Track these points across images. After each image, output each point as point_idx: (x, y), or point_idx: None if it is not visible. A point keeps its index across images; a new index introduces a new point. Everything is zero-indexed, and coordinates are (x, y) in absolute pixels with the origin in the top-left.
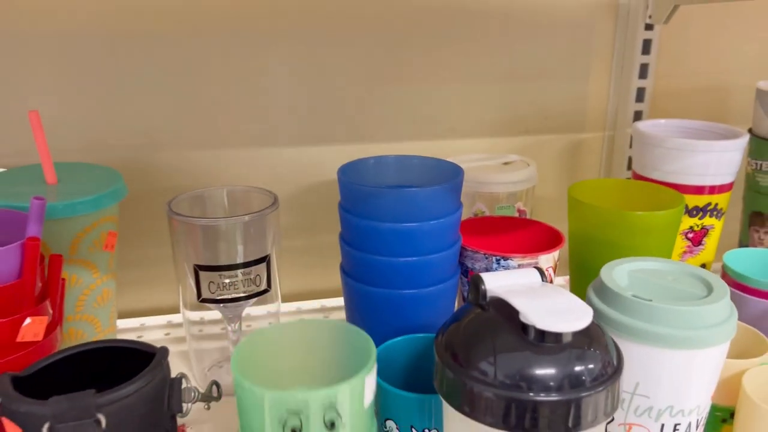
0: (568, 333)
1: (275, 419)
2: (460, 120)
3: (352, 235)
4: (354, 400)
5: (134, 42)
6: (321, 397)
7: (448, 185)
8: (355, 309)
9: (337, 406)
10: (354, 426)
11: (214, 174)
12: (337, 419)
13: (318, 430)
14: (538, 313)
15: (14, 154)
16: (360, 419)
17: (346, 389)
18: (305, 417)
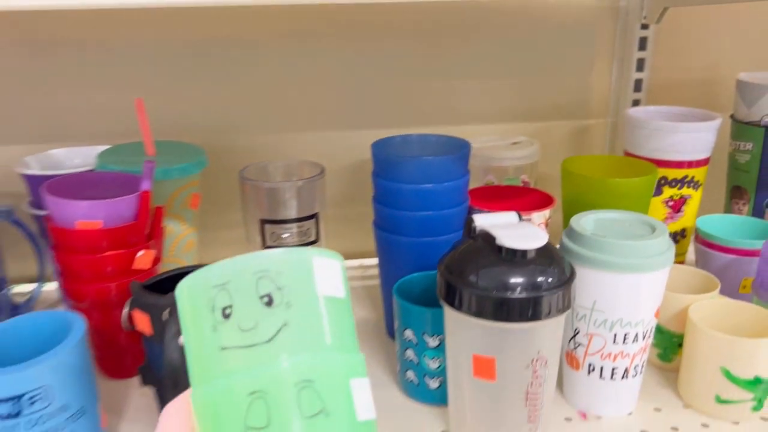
0: (531, 251)
1: (201, 308)
2: (479, 108)
3: (383, 195)
4: (299, 275)
5: (213, 46)
6: (250, 264)
7: (457, 155)
8: (385, 255)
9: (274, 276)
10: (306, 311)
11: (275, 151)
12: (278, 293)
13: (250, 305)
14: (509, 237)
15: (119, 134)
16: (311, 304)
17: (284, 257)
18: (233, 289)
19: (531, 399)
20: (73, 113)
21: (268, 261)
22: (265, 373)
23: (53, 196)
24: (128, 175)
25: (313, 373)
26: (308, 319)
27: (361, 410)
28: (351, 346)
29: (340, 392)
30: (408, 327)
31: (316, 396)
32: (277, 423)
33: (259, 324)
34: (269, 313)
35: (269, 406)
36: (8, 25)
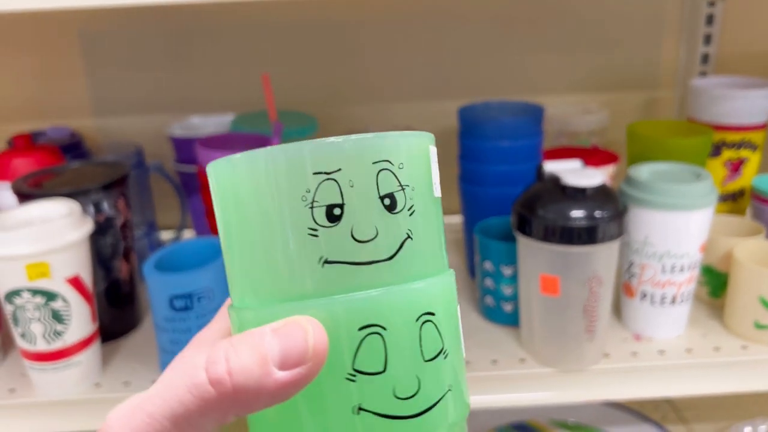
0: (589, 188)
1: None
2: (554, 80)
3: (467, 153)
4: (420, 169)
5: (324, 28)
6: (368, 148)
7: (531, 117)
8: (468, 205)
9: (396, 170)
10: (428, 219)
11: (374, 119)
12: (399, 193)
13: (368, 207)
14: (572, 177)
15: (244, 105)
16: (431, 210)
17: (406, 143)
18: (345, 182)
19: (588, 312)
20: (208, 87)
21: (390, 146)
22: (384, 301)
23: (206, 149)
24: (259, 135)
25: (435, 303)
26: (429, 231)
27: (464, 347)
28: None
29: (454, 326)
30: (487, 259)
31: (437, 333)
32: (397, 368)
33: (379, 234)
34: (391, 220)
35: (387, 347)
36: (156, 17)
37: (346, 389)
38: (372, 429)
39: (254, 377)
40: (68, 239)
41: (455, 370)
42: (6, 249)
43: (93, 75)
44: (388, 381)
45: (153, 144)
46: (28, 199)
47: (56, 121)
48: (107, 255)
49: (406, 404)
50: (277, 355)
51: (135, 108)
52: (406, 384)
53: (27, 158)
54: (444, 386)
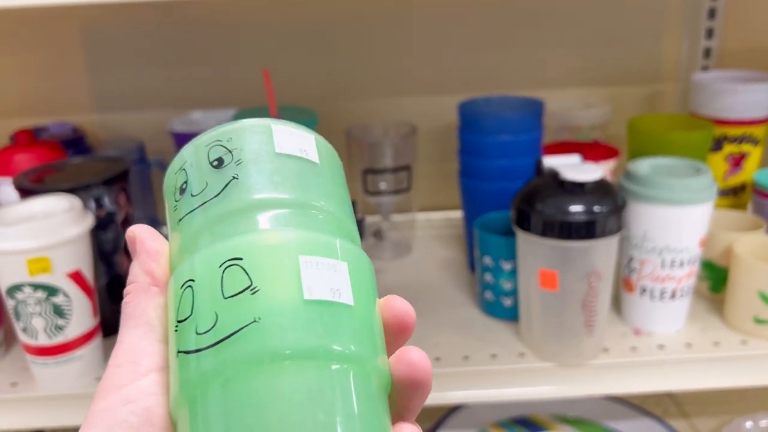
0: (588, 183)
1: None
2: (555, 74)
3: (467, 147)
4: (255, 138)
5: (322, 24)
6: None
7: (531, 112)
8: (468, 200)
9: (225, 143)
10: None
11: (374, 114)
12: (227, 155)
13: (201, 173)
14: (571, 171)
15: (244, 100)
16: (268, 160)
17: (238, 126)
18: (188, 166)
19: (587, 307)
20: (209, 82)
21: (221, 131)
22: (195, 260)
23: None
24: None
25: (242, 250)
26: (263, 172)
27: (313, 289)
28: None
29: (278, 268)
30: (487, 254)
31: (243, 273)
32: (199, 309)
33: (208, 184)
34: (218, 173)
35: (194, 294)
36: (157, 12)
37: (173, 339)
38: (185, 366)
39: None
40: (69, 234)
41: (274, 306)
42: (7, 244)
43: (95, 70)
44: (193, 322)
45: (154, 139)
46: (29, 194)
47: (58, 116)
48: (108, 250)
49: (203, 337)
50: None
51: (136, 103)
52: (204, 320)
53: (29, 154)
54: (247, 318)
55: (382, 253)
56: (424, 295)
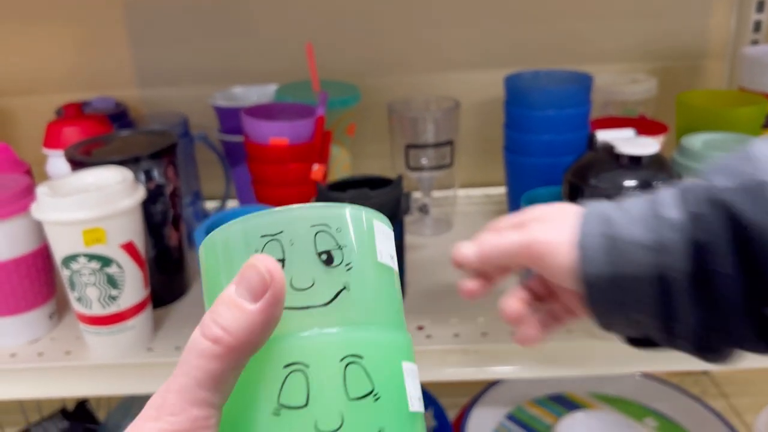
0: (644, 157)
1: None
2: (602, 49)
3: (513, 122)
4: (361, 236)
5: None
6: (308, 215)
7: (579, 86)
8: (513, 176)
9: (334, 232)
10: (367, 275)
11: (417, 89)
12: (338, 251)
13: (306, 261)
14: (627, 145)
15: (285, 75)
16: (372, 270)
17: (346, 213)
18: (287, 241)
19: None
20: (251, 57)
21: (329, 214)
22: (308, 342)
23: (252, 118)
24: (302, 105)
25: (364, 347)
26: (368, 286)
27: (413, 400)
28: (401, 324)
29: (392, 374)
30: None
31: (365, 375)
32: (318, 403)
33: (315, 284)
34: (328, 273)
35: (309, 382)
36: None
37: (273, 423)
38: None
39: (240, 319)
40: (123, 206)
41: (386, 416)
42: (63, 214)
43: (137, 45)
44: (310, 415)
45: (196, 114)
46: (80, 166)
47: (100, 91)
48: (158, 222)
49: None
50: (245, 293)
51: (178, 78)
52: (328, 418)
53: (77, 127)
54: (373, 427)
55: (423, 229)
56: None
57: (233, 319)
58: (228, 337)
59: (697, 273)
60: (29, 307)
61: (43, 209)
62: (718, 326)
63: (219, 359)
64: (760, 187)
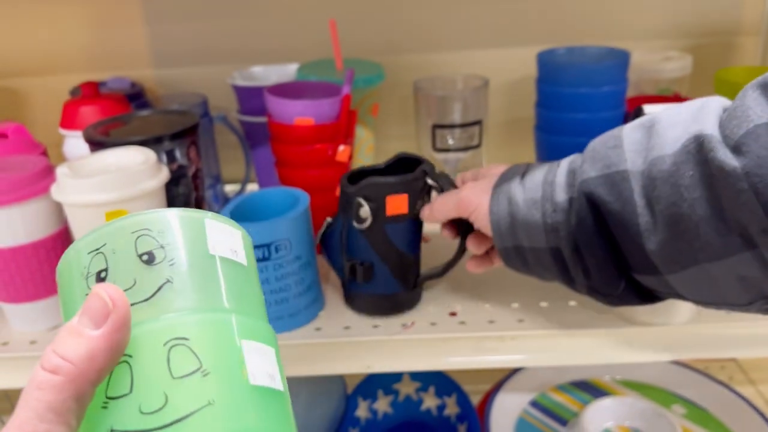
0: None
1: (76, 279)
2: (634, 25)
3: (546, 100)
4: (188, 234)
5: None
6: (128, 224)
7: (616, 63)
8: (545, 156)
9: (156, 234)
10: (192, 269)
11: (444, 68)
12: (159, 251)
13: (127, 265)
14: None
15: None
16: (201, 262)
17: (168, 217)
18: (109, 251)
19: None
20: (270, 35)
21: (148, 219)
22: (132, 335)
23: (276, 97)
24: (326, 83)
25: (188, 329)
26: (195, 276)
27: (256, 374)
28: (253, 312)
29: (225, 351)
30: None
31: (191, 354)
32: (142, 387)
33: (137, 282)
34: (149, 270)
35: (133, 371)
36: None
37: (102, 416)
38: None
39: (82, 346)
40: (147, 187)
41: (224, 389)
42: (85, 196)
43: (153, 24)
44: (134, 400)
45: (212, 95)
46: (100, 147)
47: (115, 72)
48: (180, 204)
49: (152, 417)
50: (87, 321)
51: (195, 57)
52: (151, 400)
53: (94, 106)
54: (201, 400)
55: None
56: None
57: (74, 347)
58: (68, 366)
59: (576, 249)
60: (48, 293)
61: (64, 191)
62: (603, 289)
63: (57, 389)
64: (621, 177)
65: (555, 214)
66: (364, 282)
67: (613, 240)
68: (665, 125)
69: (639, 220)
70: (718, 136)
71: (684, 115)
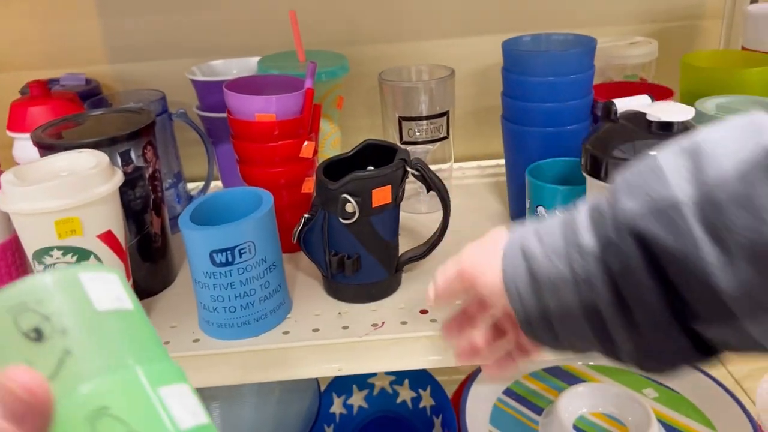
0: (676, 123)
1: None
2: (598, 11)
3: (512, 89)
4: (68, 297)
5: None
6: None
7: (583, 50)
8: (513, 146)
9: (34, 306)
10: (86, 332)
11: (408, 59)
12: (44, 323)
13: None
14: (661, 112)
15: (266, 48)
16: (93, 323)
17: (40, 283)
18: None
19: None
20: (230, 28)
21: (22, 292)
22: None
23: (235, 93)
24: (288, 77)
25: (105, 398)
26: (94, 339)
27: (183, 418)
28: (156, 355)
29: (147, 406)
30: (540, 204)
31: (116, 421)
32: None
33: (32, 363)
34: (41, 347)
35: None
36: None
37: None
38: None
39: None
40: (99, 192)
41: None
42: (33, 204)
43: (107, 17)
44: None
45: (172, 90)
46: (50, 150)
47: (70, 68)
48: (137, 208)
49: None
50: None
51: (152, 52)
52: None
53: (44, 106)
54: None
55: (418, 206)
56: None
57: None
58: None
59: (620, 301)
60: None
61: (10, 199)
62: (655, 346)
63: None
64: (672, 207)
65: (585, 263)
66: (351, 273)
67: (670, 284)
68: (712, 144)
69: (704, 256)
70: None
71: (732, 131)
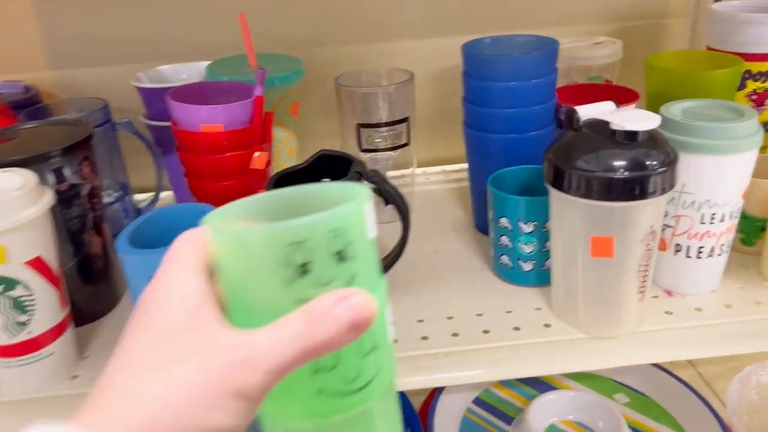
0: (643, 132)
1: (271, 262)
2: (560, 11)
3: (473, 94)
4: (359, 228)
5: None
6: (326, 221)
7: (545, 52)
8: (475, 153)
9: (343, 233)
10: (365, 259)
11: (366, 62)
12: (348, 247)
13: (326, 262)
14: (625, 120)
15: (216, 51)
16: (368, 252)
17: (352, 212)
18: (310, 247)
19: (642, 271)
20: (176, 32)
21: (341, 219)
22: None
23: (179, 102)
24: (238, 83)
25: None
26: (368, 266)
27: (391, 335)
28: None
29: (385, 325)
30: (503, 215)
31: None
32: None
33: (333, 279)
34: (341, 268)
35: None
36: None
37: (311, 380)
38: (331, 401)
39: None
40: (25, 216)
41: (383, 357)
42: None
43: (45, 20)
44: (340, 371)
45: (117, 97)
46: None
47: (7, 75)
48: (75, 228)
49: (351, 384)
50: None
51: (95, 57)
52: (351, 373)
53: None
54: (375, 369)
55: (380, 215)
56: (432, 261)
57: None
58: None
59: None
60: None
61: None
62: None
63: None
64: None
65: None
66: None
67: None
68: None
69: None
70: None
71: None
